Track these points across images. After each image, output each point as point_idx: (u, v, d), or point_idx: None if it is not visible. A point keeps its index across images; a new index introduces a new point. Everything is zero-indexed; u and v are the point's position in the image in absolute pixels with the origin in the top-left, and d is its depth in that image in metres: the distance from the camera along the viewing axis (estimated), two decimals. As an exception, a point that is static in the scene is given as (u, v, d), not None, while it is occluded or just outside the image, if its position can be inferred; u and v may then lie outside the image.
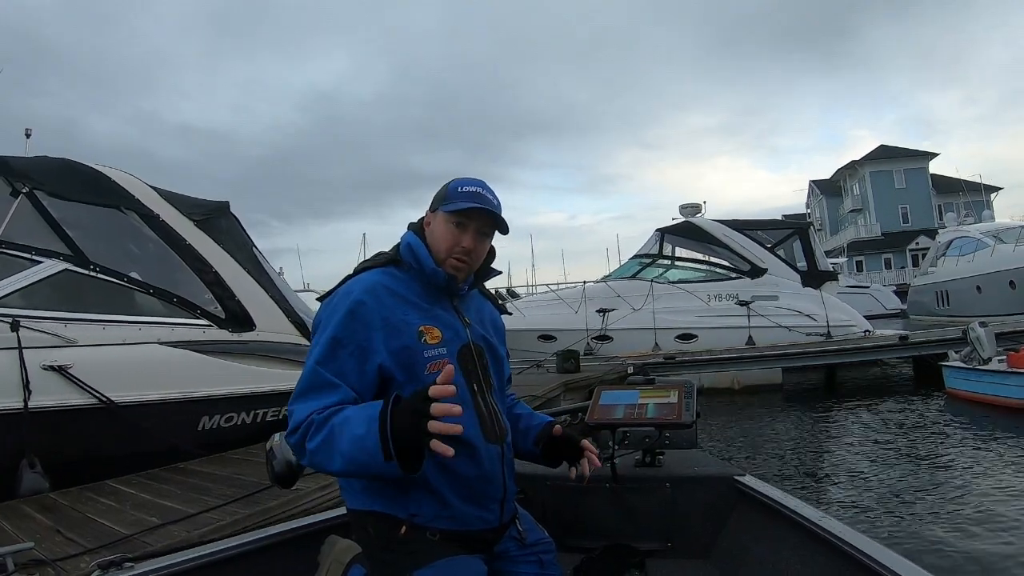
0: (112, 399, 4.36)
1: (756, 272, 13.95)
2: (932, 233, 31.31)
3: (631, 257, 16.18)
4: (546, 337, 13.39)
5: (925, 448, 7.05)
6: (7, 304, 4.23)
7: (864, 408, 9.66)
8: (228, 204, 6.06)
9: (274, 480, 1.68)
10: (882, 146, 44.76)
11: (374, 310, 1.43)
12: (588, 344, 13.27)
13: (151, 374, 4.70)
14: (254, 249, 6.16)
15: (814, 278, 14.00)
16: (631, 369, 10.58)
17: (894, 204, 42.48)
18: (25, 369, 4.02)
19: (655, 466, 2.22)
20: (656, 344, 13.04)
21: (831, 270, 15.46)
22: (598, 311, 13.52)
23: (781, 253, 14.62)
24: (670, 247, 15.52)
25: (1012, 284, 16.73)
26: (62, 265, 4.60)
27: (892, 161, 43.15)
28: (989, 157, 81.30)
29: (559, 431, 1.73)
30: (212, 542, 1.80)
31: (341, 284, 1.52)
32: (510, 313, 13.07)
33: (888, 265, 41.25)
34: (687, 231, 15.10)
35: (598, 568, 1.95)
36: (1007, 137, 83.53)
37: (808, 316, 13.23)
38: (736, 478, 2.08)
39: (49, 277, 4.54)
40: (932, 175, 42.84)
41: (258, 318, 5.58)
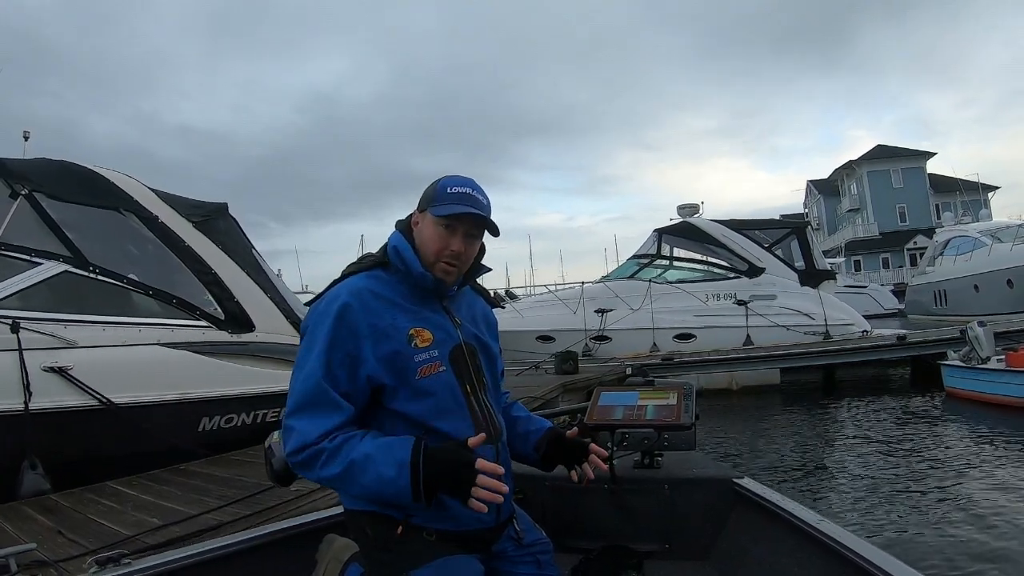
0: (112, 400, 4.37)
1: (754, 272, 13.98)
2: (930, 232, 31.34)
3: (629, 257, 16.21)
4: (544, 338, 13.39)
5: (924, 448, 7.06)
6: (7, 306, 4.24)
7: (863, 408, 9.68)
8: (227, 206, 6.07)
9: (273, 478, 1.68)
10: (880, 146, 44.75)
11: (361, 317, 1.43)
12: (587, 344, 13.28)
13: (151, 375, 4.72)
14: (253, 250, 6.17)
15: (812, 277, 14.04)
16: (629, 371, 10.58)
17: (892, 204, 42.49)
18: (25, 371, 4.03)
19: (654, 467, 2.22)
20: (654, 344, 13.05)
21: (829, 269, 15.48)
22: (596, 311, 13.53)
23: (779, 253, 14.66)
24: (668, 247, 15.54)
25: (1010, 283, 16.75)
26: (62, 267, 4.61)
27: (890, 161, 43.14)
28: (987, 157, 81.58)
29: (574, 434, 1.74)
30: (210, 540, 1.80)
31: (328, 289, 1.52)
32: (503, 307, 13.05)
33: (886, 265, 41.28)
34: (685, 231, 15.13)
35: (596, 569, 1.95)
36: (1005, 138, 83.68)
37: (806, 315, 13.27)
38: (735, 480, 2.09)
39: (49, 279, 4.55)
40: (930, 175, 42.82)
41: (257, 319, 5.59)
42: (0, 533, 3.15)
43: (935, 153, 44.05)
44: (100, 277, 4.78)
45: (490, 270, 1.69)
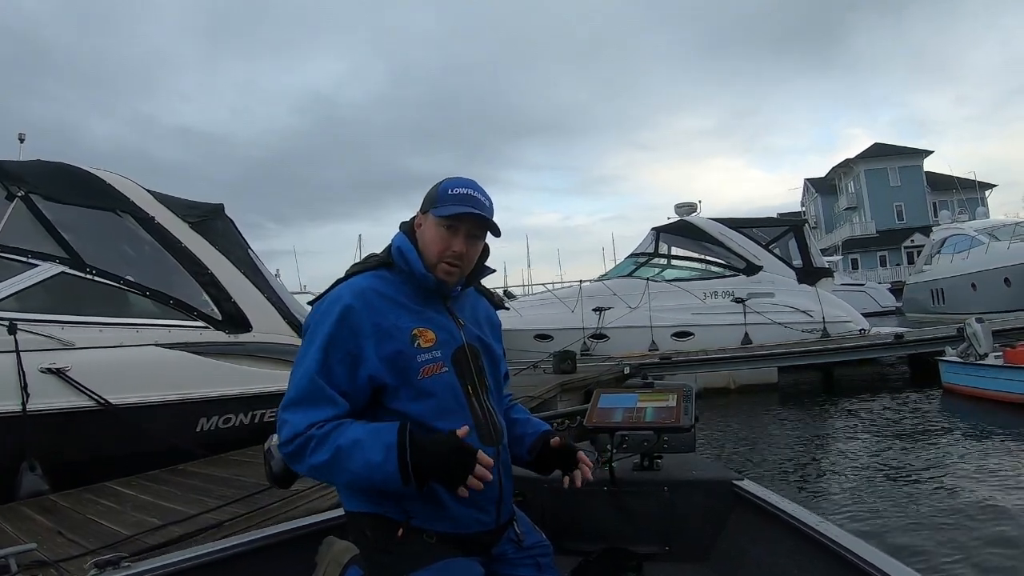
0: (110, 401, 4.37)
1: (752, 269, 14.00)
2: (927, 231, 31.40)
3: (627, 256, 16.18)
4: (543, 336, 13.38)
5: (922, 445, 7.06)
6: (4, 307, 4.23)
7: (861, 406, 9.68)
8: (223, 206, 6.06)
9: (272, 481, 1.68)
10: (877, 144, 44.80)
11: (364, 316, 1.43)
12: (585, 343, 13.28)
13: (148, 376, 4.71)
14: (249, 251, 6.17)
15: (809, 275, 14.06)
16: (627, 370, 10.59)
17: (889, 202, 42.55)
18: (23, 372, 4.03)
19: (653, 469, 2.22)
20: (653, 342, 13.05)
21: (827, 267, 15.50)
22: (594, 310, 13.52)
23: (777, 251, 14.68)
24: (666, 246, 15.54)
25: (1007, 281, 16.81)
26: (58, 268, 4.60)
27: (887, 159, 43.20)
28: (984, 155, 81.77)
29: (557, 443, 1.71)
30: (210, 542, 1.80)
31: (331, 288, 1.52)
32: (507, 308, 13.03)
33: (883, 263, 41.35)
34: (683, 230, 15.14)
35: (596, 571, 1.95)
36: (1002, 136, 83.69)
37: (804, 313, 13.29)
38: (734, 482, 2.09)
39: (46, 280, 4.54)
40: (927, 173, 42.87)
41: (254, 319, 5.59)
42: (0, 533, 3.15)
43: (932, 151, 44.07)
44: (97, 278, 4.77)
45: (494, 271, 1.70)
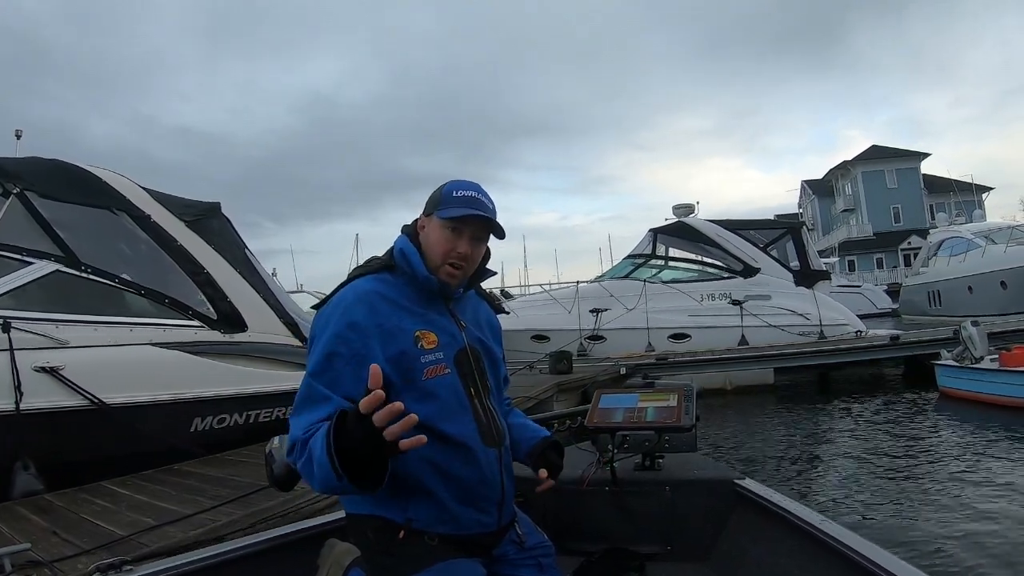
0: (104, 400, 4.34)
1: (749, 272, 14.01)
2: (924, 233, 31.52)
3: (624, 257, 16.18)
4: (539, 337, 13.36)
5: (919, 447, 7.08)
6: (-2, 305, 4.19)
7: (857, 407, 9.69)
8: (219, 205, 6.04)
9: (273, 483, 1.68)
10: (874, 146, 44.99)
11: (368, 318, 1.43)
12: (581, 344, 13.26)
13: (143, 375, 4.69)
14: (246, 250, 6.15)
15: (807, 277, 14.08)
16: (623, 370, 10.59)
17: (886, 204, 42.69)
18: (17, 371, 4.00)
19: (654, 469, 2.21)
20: (649, 344, 13.04)
21: (824, 269, 15.53)
22: (591, 311, 13.50)
23: (774, 253, 14.71)
24: (663, 247, 15.54)
25: (1003, 284, 16.87)
26: (53, 266, 4.58)
27: (884, 161, 43.37)
28: (981, 157, 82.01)
29: (546, 488, 1.66)
30: (211, 545, 1.79)
31: (335, 292, 1.51)
32: (507, 312, 13.03)
33: (880, 265, 41.45)
34: (680, 231, 15.14)
35: (598, 571, 1.95)
36: (999, 138, 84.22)
37: (801, 315, 13.30)
38: (736, 481, 2.08)
39: (40, 278, 4.52)
40: (924, 175, 43.08)
41: (250, 319, 5.57)
42: (-7, 534, 3.13)
43: (929, 154, 44.31)
44: (92, 276, 4.75)
45: (495, 273, 1.71)
